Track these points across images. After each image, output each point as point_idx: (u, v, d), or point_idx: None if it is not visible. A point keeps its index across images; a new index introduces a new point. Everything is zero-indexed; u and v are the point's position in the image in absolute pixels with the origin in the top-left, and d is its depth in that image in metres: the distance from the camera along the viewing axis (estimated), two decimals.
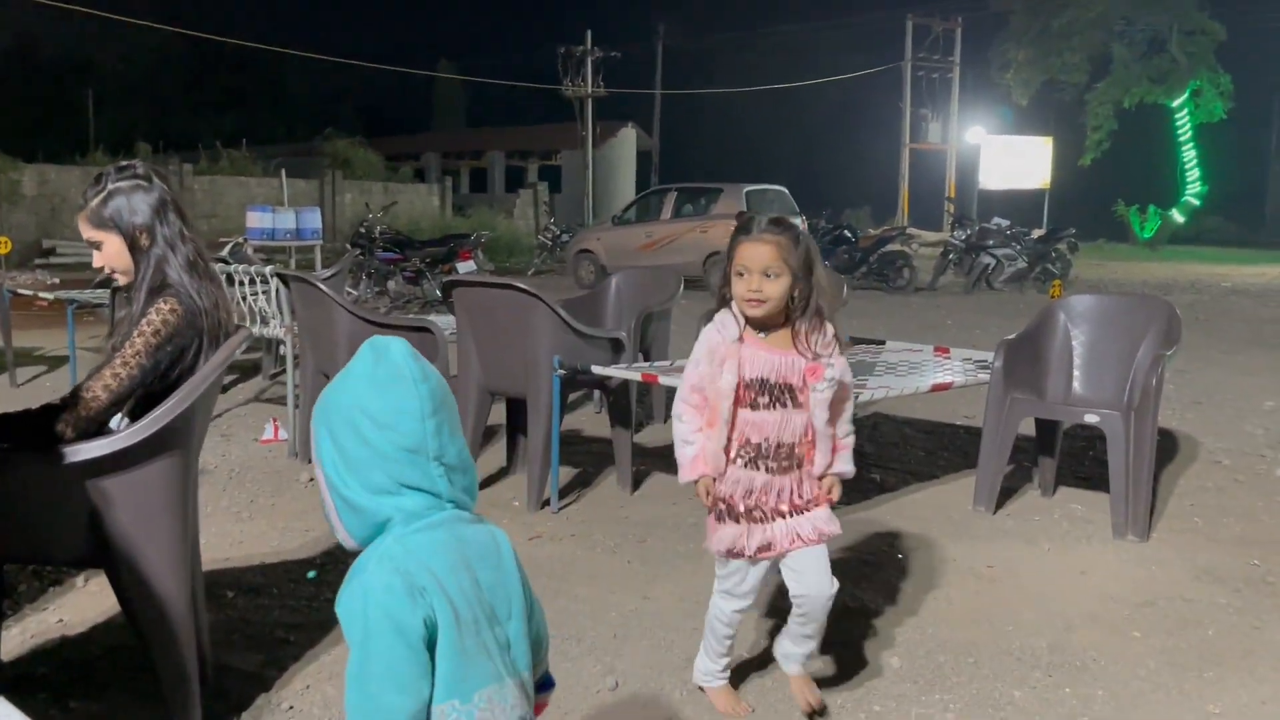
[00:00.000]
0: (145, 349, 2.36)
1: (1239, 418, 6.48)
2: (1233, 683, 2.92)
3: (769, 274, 2.40)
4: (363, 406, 1.33)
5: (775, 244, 2.40)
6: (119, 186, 2.46)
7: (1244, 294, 15.71)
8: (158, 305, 2.40)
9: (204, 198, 22.74)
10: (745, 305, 2.43)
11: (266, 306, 5.44)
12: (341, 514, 1.36)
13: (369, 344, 1.38)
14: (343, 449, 1.34)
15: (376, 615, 1.28)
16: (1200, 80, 28.43)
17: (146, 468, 2.23)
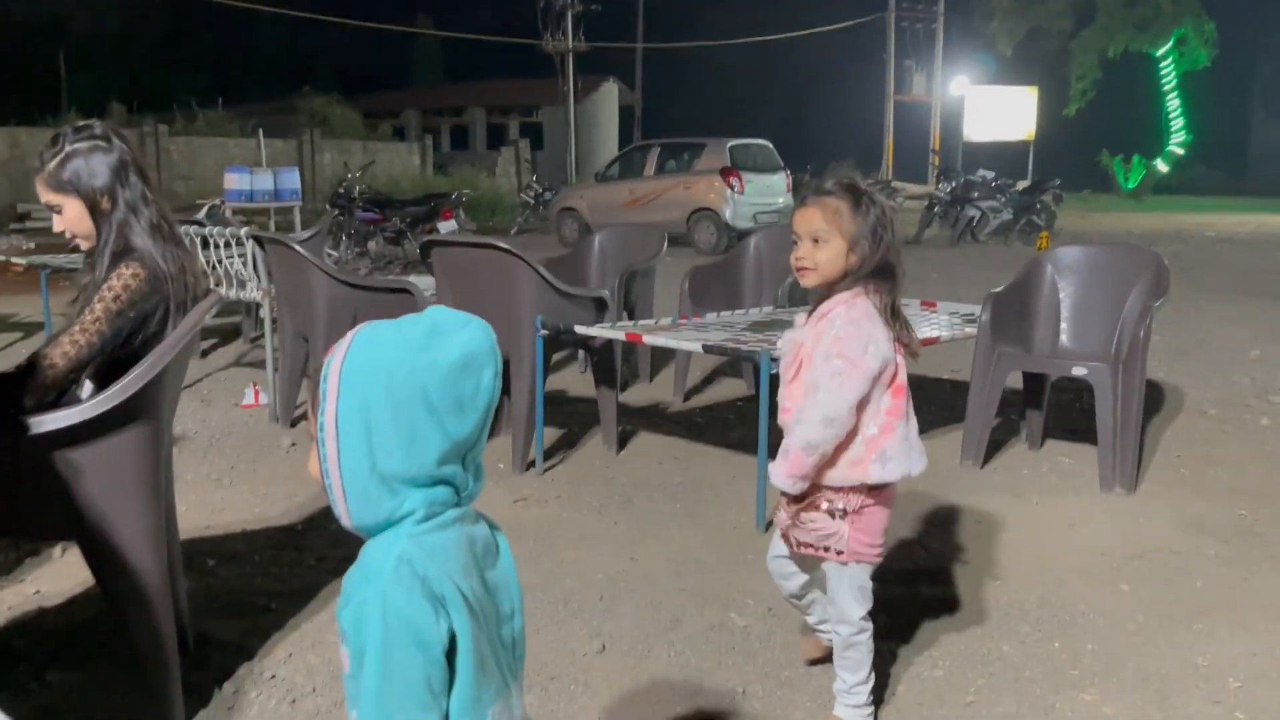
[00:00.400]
0: (105, 315, 2.28)
1: (1225, 367, 6.47)
2: (1222, 634, 2.91)
3: (817, 239, 2.22)
4: (425, 386, 1.16)
5: (821, 205, 2.21)
6: (77, 148, 2.36)
7: (1229, 243, 15.72)
8: (119, 270, 2.32)
9: (180, 159, 22.41)
10: (798, 275, 2.27)
11: (243, 270, 5.35)
12: (350, 494, 1.19)
13: (442, 315, 1.20)
14: (379, 426, 1.16)
15: (398, 626, 1.15)
16: (1184, 27, 28.30)
17: (116, 437, 2.16)
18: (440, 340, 1.18)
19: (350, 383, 1.17)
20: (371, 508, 1.19)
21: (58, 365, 2.25)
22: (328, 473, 1.20)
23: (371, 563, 1.19)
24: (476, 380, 1.19)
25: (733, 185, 15.33)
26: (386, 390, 1.16)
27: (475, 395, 1.19)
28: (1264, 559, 3.47)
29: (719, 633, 2.90)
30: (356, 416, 1.16)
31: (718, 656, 2.77)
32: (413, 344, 1.17)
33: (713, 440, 4.84)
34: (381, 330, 1.20)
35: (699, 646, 2.82)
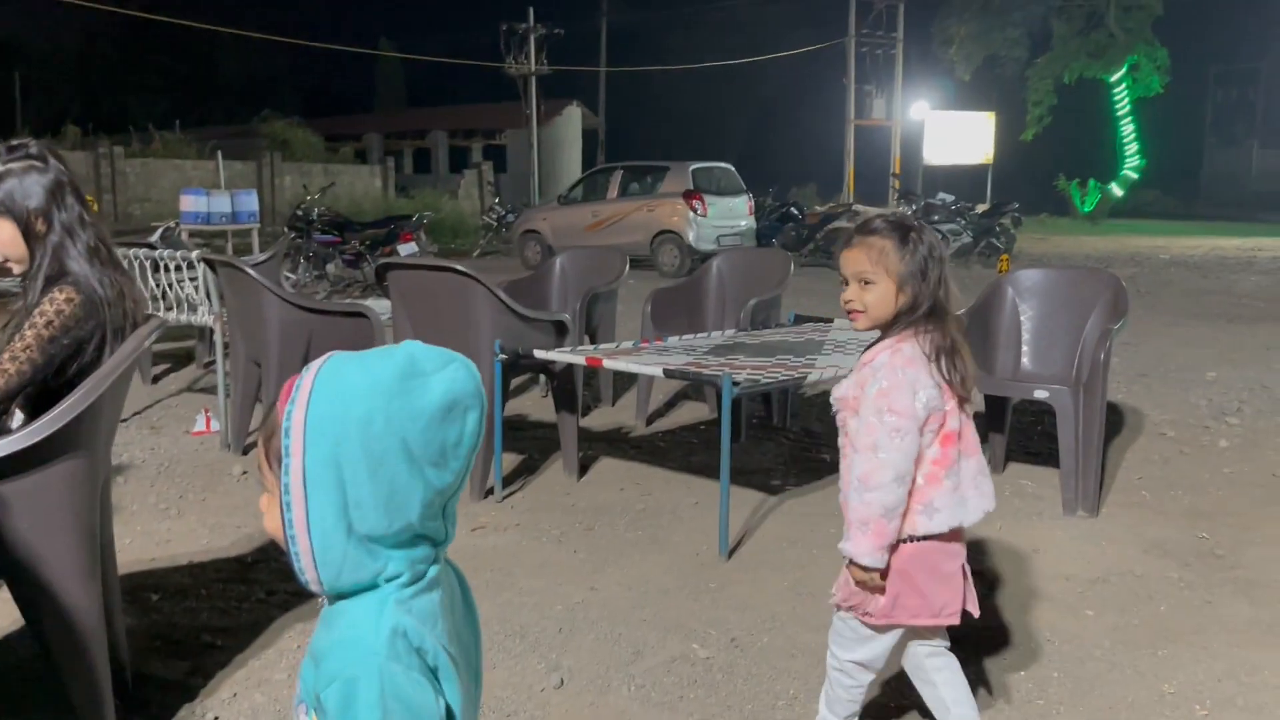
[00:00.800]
0: (37, 342, 2.18)
1: (1183, 389, 6.52)
2: (1186, 659, 2.89)
3: (864, 280, 2.11)
4: (406, 436, 1.03)
5: (866, 246, 2.11)
6: (11, 168, 2.27)
7: (1182, 265, 15.96)
8: (52, 295, 2.22)
9: (136, 181, 22.10)
10: (849, 319, 2.18)
11: (194, 294, 5.23)
12: (322, 559, 1.05)
13: (420, 353, 1.07)
14: (355, 484, 1.03)
15: (397, 709, 1.03)
16: (1137, 55, 28.84)
17: (46, 471, 2.06)
18: (419, 383, 1.04)
19: (318, 435, 1.03)
20: (349, 573, 1.06)
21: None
22: (294, 537, 1.06)
23: (360, 635, 1.06)
24: (460, 426, 1.06)
25: (696, 208, 15.34)
26: (363, 444, 1.02)
27: (459, 442, 1.06)
28: (1226, 582, 3.45)
29: (681, 665, 2.83)
30: (328, 473, 1.03)
31: (680, 690, 2.70)
32: (388, 388, 1.03)
33: (675, 465, 4.78)
34: (349, 371, 1.05)
35: (660, 680, 2.75)
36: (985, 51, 30.65)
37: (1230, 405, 6.04)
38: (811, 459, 4.90)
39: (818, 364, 4.13)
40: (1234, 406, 6.01)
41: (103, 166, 21.12)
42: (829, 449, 5.06)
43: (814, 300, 10.41)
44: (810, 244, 15.98)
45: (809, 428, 5.47)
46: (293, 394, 1.06)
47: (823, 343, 4.76)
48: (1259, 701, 2.66)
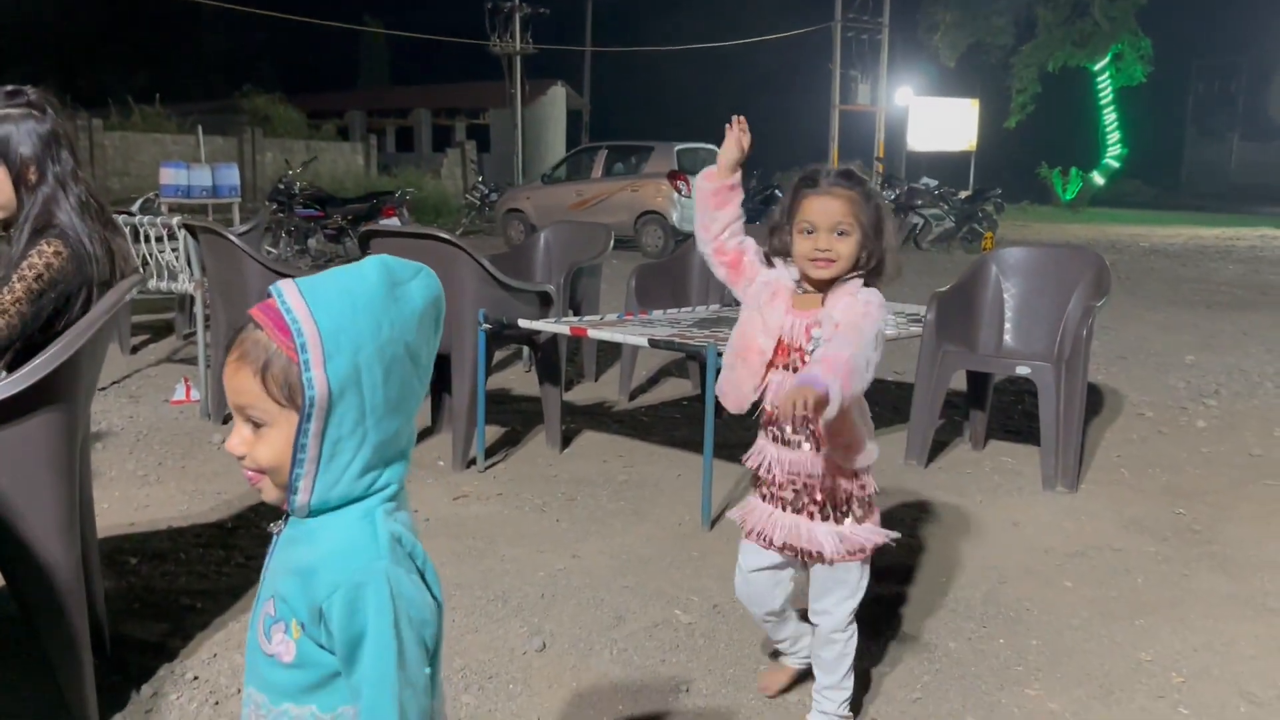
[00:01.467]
0: (26, 295, 2.14)
1: (1161, 372, 6.57)
2: (1164, 631, 2.91)
3: (840, 231, 2.09)
4: (408, 340, 1.09)
5: (847, 199, 2.10)
6: (8, 113, 2.21)
7: (1162, 254, 16.06)
8: (40, 247, 2.17)
9: (115, 155, 21.84)
10: (811, 266, 2.12)
11: (175, 261, 5.18)
12: (326, 470, 1.09)
13: (392, 263, 1.11)
14: (373, 389, 1.07)
15: (405, 608, 1.08)
16: (1121, 44, 28.94)
17: (25, 424, 2.03)
18: (404, 290, 1.09)
19: (336, 346, 1.05)
20: (346, 485, 1.10)
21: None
22: (304, 446, 1.07)
23: (360, 544, 1.09)
24: (436, 329, 1.14)
25: (680, 189, 15.32)
26: (378, 350, 1.07)
27: (434, 345, 1.14)
28: (1202, 557, 3.49)
29: (663, 630, 2.84)
30: (350, 382, 1.06)
31: (661, 654, 2.71)
32: (384, 297, 1.08)
33: (658, 439, 4.78)
34: (336, 286, 1.07)
35: (642, 644, 2.75)
36: (970, 38, 30.68)
37: (1208, 388, 6.09)
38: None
39: None
40: (1212, 389, 6.06)
41: (81, 140, 20.84)
42: None
43: None
44: None
45: None
46: (289, 314, 1.06)
47: None
48: (1234, 671, 2.69)
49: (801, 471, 2.20)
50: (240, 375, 1.10)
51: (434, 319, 1.13)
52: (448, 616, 2.91)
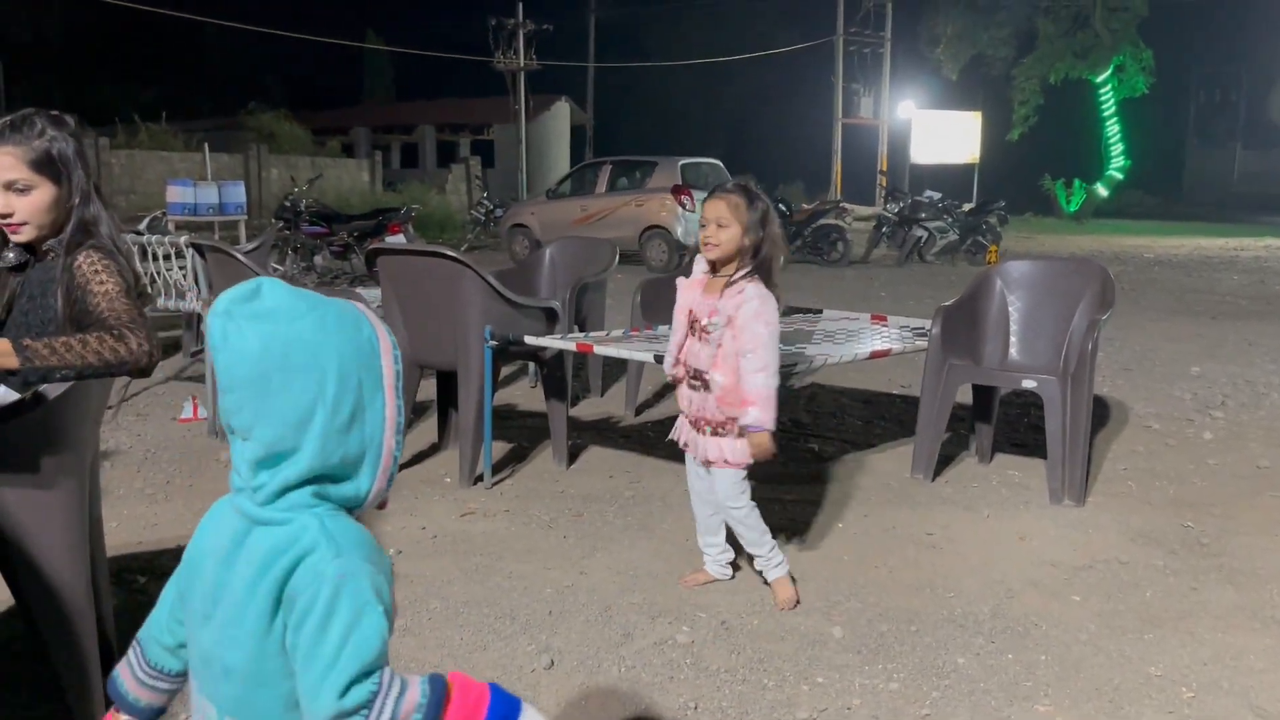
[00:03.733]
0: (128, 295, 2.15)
1: (1167, 383, 6.56)
2: (1172, 644, 2.91)
3: (720, 224, 2.92)
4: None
5: (726, 200, 2.93)
6: (60, 135, 2.20)
7: (1166, 265, 16.06)
8: (89, 259, 2.16)
9: (122, 173, 21.94)
10: (705, 249, 2.96)
11: (182, 280, 5.20)
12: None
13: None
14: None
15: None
16: (1123, 56, 28.96)
17: (35, 443, 2.05)
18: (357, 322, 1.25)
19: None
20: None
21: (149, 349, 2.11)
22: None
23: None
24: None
25: (684, 203, 15.34)
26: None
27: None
28: (1210, 569, 3.48)
29: (670, 648, 2.84)
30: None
31: (669, 671, 2.71)
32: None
33: (664, 454, 4.78)
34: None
35: (650, 661, 2.75)
36: (972, 51, 30.75)
37: (1214, 399, 6.09)
38: (799, 449, 4.91)
39: (807, 352, 4.14)
40: (1218, 400, 6.06)
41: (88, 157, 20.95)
42: (817, 439, 5.08)
43: (803, 295, 10.42)
44: (798, 241, 15.98)
45: (796, 418, 5.48)
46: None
47: (812, 332, 4.77)
48: (1244, 685, 2.68)
49: (707, 406, 3.03)
50: None
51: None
52: (456, 633, 2.92)
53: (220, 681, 1.21)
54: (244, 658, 1.18)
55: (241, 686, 1.19)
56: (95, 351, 2.04)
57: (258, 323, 1.13)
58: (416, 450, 4.71)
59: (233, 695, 1.20)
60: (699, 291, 3.03)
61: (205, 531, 1.27)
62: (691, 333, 3.04)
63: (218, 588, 1.20)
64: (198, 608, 1.23)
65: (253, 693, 1.19)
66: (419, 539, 3.65)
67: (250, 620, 1.16)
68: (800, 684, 2.65)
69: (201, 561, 1.24)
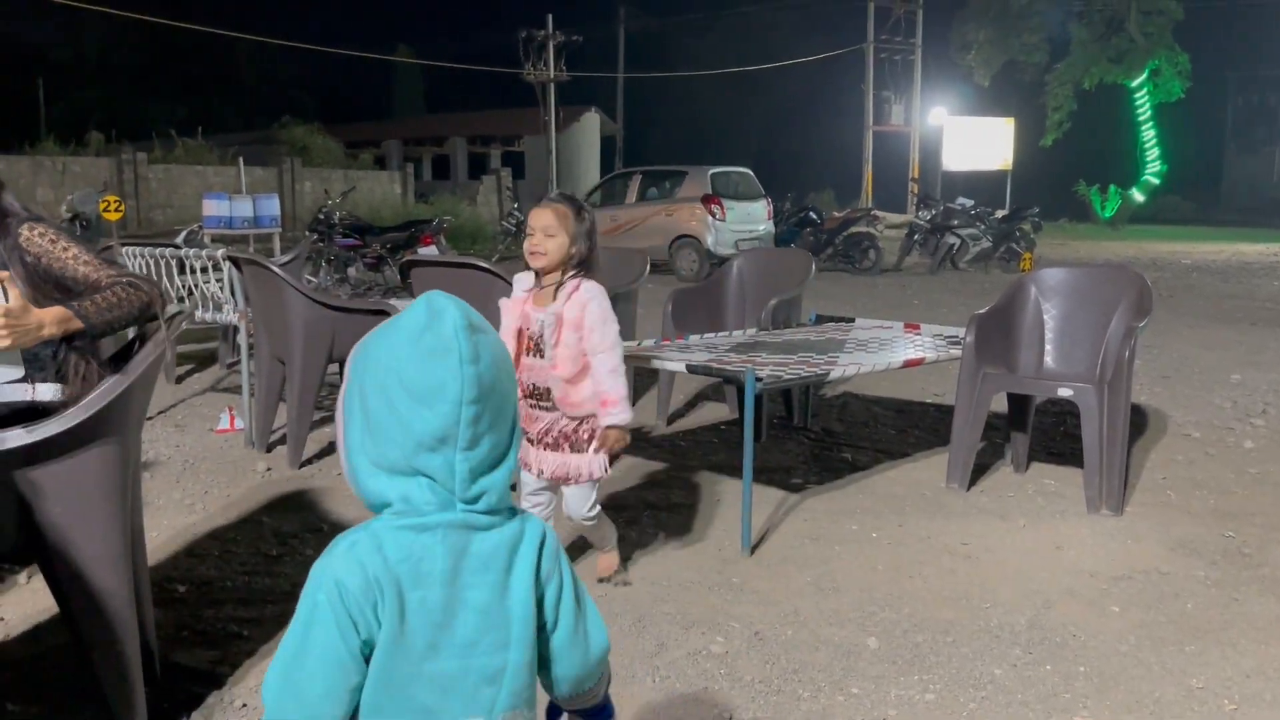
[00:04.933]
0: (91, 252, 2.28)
1: (1207, 391, 6.48)
2: (1214, 656, 2.87)
3: (548, 233, 2.91)
4: (400, 372, 1.17)
5: (554, 210, 2.93)
6: None
7: (1204, 271, 15.85)
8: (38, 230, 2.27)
9: (159, 187, 22.25)
10: (530, 258, 2.95)
11: (219, 292, 5.27)
12: (360, 475, 1.21)
13: (424, 301, 1.20)
14: (369, 411, 1.19)
15: (324, 604, 1.16)
16: (1158, 60, 28.67)
17: (80, 456, 2.08)
18: (405, 323, 1.20)
19: (354, 369, 1.22)
20: (369, 490, 1.21)
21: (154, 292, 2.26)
22: (343, 459, 1.23)
23: (341, 537, 1.21)
24: (440, 371, 1.16)
25: (714, 212, 15.35)
26: (369, 378, 1.20)
27: (438, 387, 1.16)
28: (1252, 580, 3.43)
29: (704, 658, 2.83)
30: (355, 401, 1.21)
31: (703, 682, 2.70)
32: (394, 329, 1.20)
33: (696, 464, 4.78)
34: (395, 319, 1.22)
35: (684, 671, 2.75)
36: (1004, 57, 30.56)
37: (1255, 407, 6.00)
38: (833, 458, 4.89)
39: (840, 361, 4.13)
40: (1259, 408, 5.97)
41: (126, 172, 21.27)
42: (850, 448, 5.06)
43: (834, 304, 10.40)
44: (829, 249, 15.94)
45: (829, 427, 5.46)
46: None
47: (844, 341, 4.75)
48: None
49: (558, 421, 3.02)
50: None
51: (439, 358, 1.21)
52: None
53: (484, 688, 1.23)
54: (521, 649, 1.24)
55: (520, 677, 1.25)
56: (126, 302, 2.21)
57: (488, 334, 1.22)
58: None
59: (511, 690, 1.24)
60: (526, 307, 3.00)
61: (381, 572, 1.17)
62: (525, 352, 2.99)
63: (451, 607, 1.20)
64: (419, 643, 1.19)
65: (529, 674, 1.27)
66: None
67: (519, 614, 1.24)
68: (835, 695, 2.64)
69: (408, 598, 1.18)
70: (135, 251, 5.64)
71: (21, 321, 2.04)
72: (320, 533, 3.74)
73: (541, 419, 3.02)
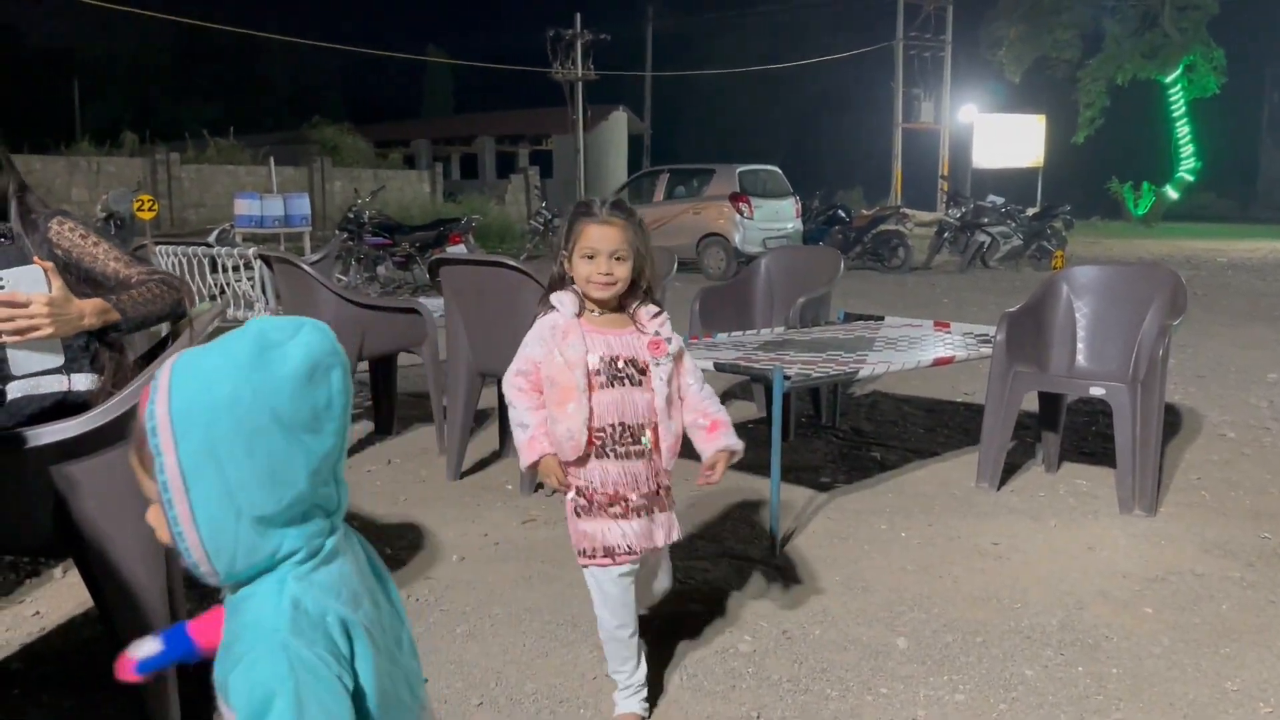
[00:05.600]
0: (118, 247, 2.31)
1: (1242, 390, 6.39)
2: (1250, 658, 2.83)
3: (617, 256, 2.34)
4: (275, 406, 1.02)
5: (622, 227, 2.34)
6: None
7: (1241, 269, 15.64)
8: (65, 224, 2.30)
9: (191, 187, 22.52)
10: (594, 288, 2.35)
11: (250, 290, 5.32)
12: (214, 550, 1.03)
13: (243, 335, 1.05)
14: (235, 465, 1.01)
15: (308, 680, 1.01)
16: (1193, 55, 28.32)
17: (113, 452, 2.11)
18: (276, 353, 1.03)
19: (187, 425, 1.01)
20: (244, 558, 1.05)
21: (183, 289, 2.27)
22: (181, 534, 1.03)
23: (261, 615, 1.05)
24: (327, 387, 1.05)
25: (742, 211, 15.32)
26: (234, 423, 1.00)
27: (329, 403, 1.06)
28: None
29: (731, 657, 2.83)
30: (205, 460, 1.01)
31: (731, 680, 2.70)
32: (245, 364, 1.02)
33: None
34: (203, 358, 1.04)
35: (712, 670, 2.75)
36: (1035, 53, 30.31)
37: None
38: (861, 457, 4.86)
39: (869, 359, 4.10)
40: None
41: (159, 172, 21.56)
42: (879, 447, 5.03)
43: (863, 302, 10.35)
44: (858, 247, 15.87)
45: (858, 426, 5.43)
46: (151, 393, 1.04)
47: (873, 340, 4.73)
48: None
49: (644, 475, 2.40)
50: (134, 451, 1.08)
51: (323, 374, 1.05)
52: (519, 639, 2.94)
53: (420, 686, 1.22)
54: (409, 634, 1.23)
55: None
56: (160, 299, 2.24)
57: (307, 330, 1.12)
58: (479, 458, 4.75)
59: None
60: (579, 338, 2.35)
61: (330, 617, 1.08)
62: (619, 383, 2.35)
63: (380, 616, 1.17)
64: (385, 661, 1.14)
65: None
66: (481, 545, 3.68)
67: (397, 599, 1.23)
68: (864, 694, 2.63)
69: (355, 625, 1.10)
70: (168, 250, 5.72)
71: (64, 310, 2.09)
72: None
73: (633, 472, 2.37)
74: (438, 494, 4.28)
